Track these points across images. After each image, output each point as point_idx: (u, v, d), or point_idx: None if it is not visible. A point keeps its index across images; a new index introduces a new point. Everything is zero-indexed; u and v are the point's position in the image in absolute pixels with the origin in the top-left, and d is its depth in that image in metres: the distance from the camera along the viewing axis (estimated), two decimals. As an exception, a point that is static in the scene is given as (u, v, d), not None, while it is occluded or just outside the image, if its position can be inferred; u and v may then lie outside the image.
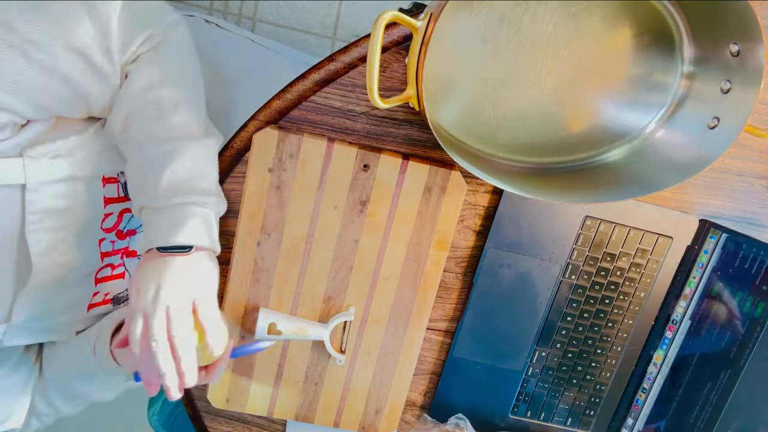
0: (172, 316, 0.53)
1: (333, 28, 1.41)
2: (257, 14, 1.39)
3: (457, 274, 0.72)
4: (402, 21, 0.50)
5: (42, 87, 0.50)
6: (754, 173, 0.72)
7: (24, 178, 0.52)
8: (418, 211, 0.67)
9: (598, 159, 0.66)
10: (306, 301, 0.70)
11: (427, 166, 0.66)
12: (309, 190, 0.65)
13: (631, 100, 0.64)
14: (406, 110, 0.65)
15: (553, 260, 0.71)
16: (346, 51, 0.63)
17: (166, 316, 0.53)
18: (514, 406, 0.77)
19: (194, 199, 0.56)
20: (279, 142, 0.63)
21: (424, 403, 0.78)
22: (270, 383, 0.72)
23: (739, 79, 0.56)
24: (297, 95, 0.64)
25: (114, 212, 0.62)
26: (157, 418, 0.91)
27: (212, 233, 0.58)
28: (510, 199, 0.69)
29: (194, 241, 0.56)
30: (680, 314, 0.74)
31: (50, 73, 0.50)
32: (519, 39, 0.59)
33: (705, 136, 0.59)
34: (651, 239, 0.72)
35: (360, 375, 0.73)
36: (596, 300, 0.73)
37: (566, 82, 0.62)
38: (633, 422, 0.78)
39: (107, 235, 0.62)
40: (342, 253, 0.68)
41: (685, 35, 0.60)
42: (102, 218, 0.61)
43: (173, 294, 0.53)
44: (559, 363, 0.76)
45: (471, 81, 0.61)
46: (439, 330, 0.75)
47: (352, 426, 0.75)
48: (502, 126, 0.64)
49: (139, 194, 0.57)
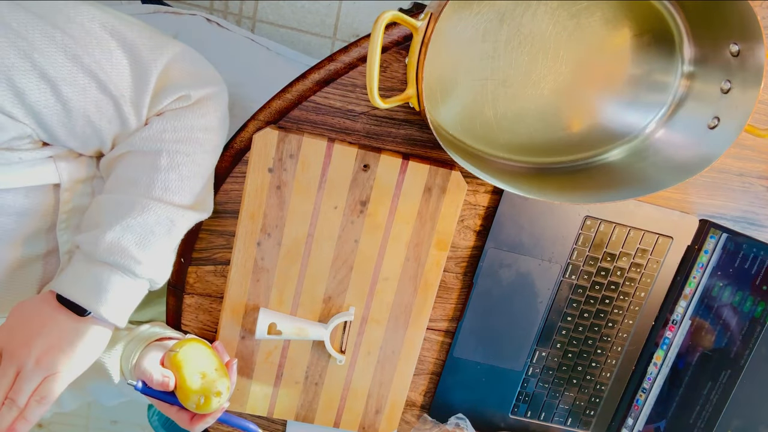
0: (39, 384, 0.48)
1: (333, 28, 1.41)
2: (257, 14, 1.39)
3: (457, 274, 0.72)
4: (402, 21, 0.50)
5: (63, 122, 0.49)
6: (754, 173, 0.72)
7: (58, 178, 0.53)
8: (418, 211, 0.67)
9: (598, 159, 0.66)
10: (306, 301, 0.70)
11: (427, 166, 0.66)
12: (309, 190, 0.65)
13: (631, 100, 0.64)
14: (406, 110, 0.65)
15: (553, 260, 0.71)
16: (346, 51, 0.63)
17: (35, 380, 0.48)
18: (514, 406, 0.77)
19: (131, 267, 0.51)
20: (279, 142, 0.63)
21: (424, 403, 0.78)
22: (270, 383, 0.72)
23: (739, 79, 0.56)
24: (297, 95, 0.64)
25: None
26: (157, 419, 0.91)
27: (127, 311, 0.53)
28: (510, 199, 0.69)
29: (104, 314, 0.50)
30: (680, 314, 0.74)
31: (75, 111, 0.49)
32: (519, 39, 0.59)
33: (705, 136, 0.59)
34: (651, 239, 0.72)
35: (360, 375, 0.73)
36: (596, 300, 0.73)
37: (566, 82, 0.62)
38: (633, 422, 0.78)
39: None
40: (342, 253, 0.68)
41: (685, 35, 0.60)
42: None
43: (49, 360, 0.48)
44: (559, 363, 0.76)
45: (471, 81, 0.61)
46: (439, 330, 0.75)
47: (352, 426, 0.75)
48: (502, 126, 0.64)
49: (85, 230, 0.53)
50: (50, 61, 0.45)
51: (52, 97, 0.47)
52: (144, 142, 0.52)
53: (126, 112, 0.51)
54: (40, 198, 0.53)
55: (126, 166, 0.53)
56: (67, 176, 0.53)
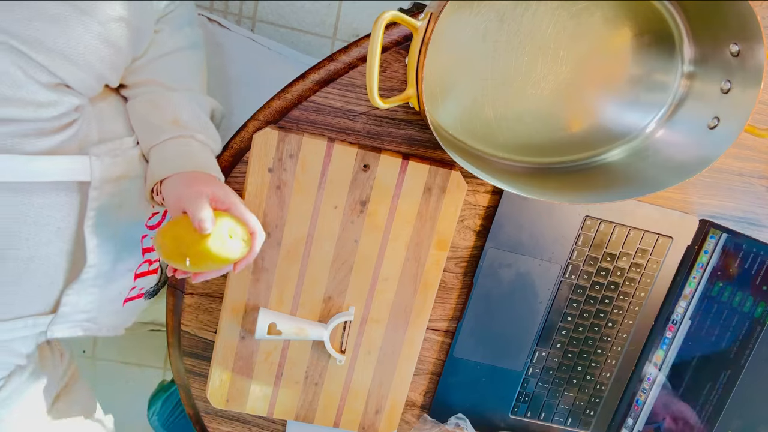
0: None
1: (333, 28, 1.41)
2: (257, 14, 1.39)
3: (457, 274, 0.72)
4: (402, 21, 0.50)
5: (96, 52, 0.51)
6: (754, 173, 0.72)
7: (90, 175, 0.54)
8: (418, 211, 0.67)
9: (598, 159, 0.66)
10: (306, 301, 0.70)
11: (427, 166, 0.66)
12: (309, 190, 0.65)
13: (631, 100, 0.64)
14: (406, 110, 0.65)
15: (553, 260, 0.71)
16: (346, 51, 0.63)
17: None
18: (514, 406, 0.77)
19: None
20: (279, 142, 0.63)
21: (424, 403, 0.78)
22: (270, 383, 0.72)
23: (739, 79, 0.56)
24: (297, 95, 0.64)
25: (159, 211, 0.65)
26: (157, 418, 0.91)
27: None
28: (510, 199, 0.69)
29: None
30: (680, 314, 0.74)
31: (103, 39, 0.51)
32: (519, 39, 0.59)
33: (705, 136, 0.59)
34: (651, 239, 0.72)
35: (360, 375, 0.73)
36: (596, 300, 0.73)
37: (566, 82, 0.62)
38: (633, 422, 0.78)
39: (150, 231, 0.65)
40: (342, 253, 0.68)
41: (685, 35, 0.60)
42: (149, 216, 0.63)
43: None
44: (559, 363, 0.76)
45: (471, 81, 0.61)
46: (439, 330, 0.75)
47: (352, 426, 0.75)
48: (502, 126, 0.64)
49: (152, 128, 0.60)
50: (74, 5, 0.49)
51: (84, 32, 0.49)
52: (172, 53, 0.61)
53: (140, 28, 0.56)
54: (67, 195, 0.54)
55: (173, 72, 0.62)
56: (99, 174, 0.54)
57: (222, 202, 0.56)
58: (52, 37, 0.47)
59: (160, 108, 0.59)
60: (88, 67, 0.50)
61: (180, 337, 0.72)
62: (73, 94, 0.50)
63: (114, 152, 0.56)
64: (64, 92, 0.50)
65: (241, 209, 0.56)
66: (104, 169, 0.55)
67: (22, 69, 0.46)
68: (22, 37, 0.45)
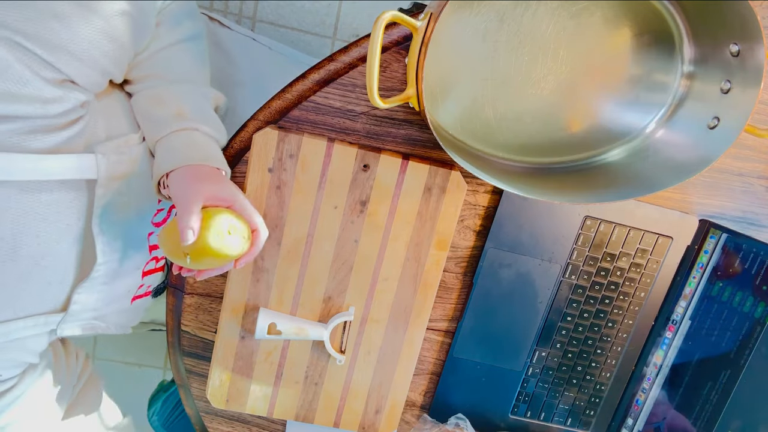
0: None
1: (333, 28, 1.41)
2: (257, 14, 1.39)
3: (457, 274, 0.72)
4: (402, 21, 0.50)
5: (99, 47, 0.51)
6: (754, 173, 0.72)
7: (96, 173, 0.54)
8: (418, 211, 0.67)
9: (598, 159, 0.66)
10: (306, 301, 0.70)
11: (427, 166, 0.66)
12: (309, 190, 0.65)
13: (631, 100, 0.64)
14: (406, 110, 0.65)
15: (553, 260, 0.71)
16: (346, 51, 0.63)
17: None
18: (514, 406, 0.77)
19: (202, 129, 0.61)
20: (279, 142, 0.63)
21: (424, 403, 0.78)
22: (270, 383, 0.72)
23: (739, 79, 0.56)
24: (297, 95, 0.64)
25: (164, 208, 0.65)
26: (157, 418, 0.91)
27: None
28: (510, 199, 0.69)
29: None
30: (680, 314, 0.74)
31: (106, 34, 0.52)
32: (519, 39, 0.59)
33: (705, 136, 0.59)
34: (651, 239, 0.72)
35: (360, 375, 0.73)
36: (596, 300, 0.73)
37: (566, 82, 0.62)
38: (633, 422, 0.78)
39: (156, 229, 0.65)
40: (342, 253, 0.68)
41: (685, 35, 0.60)
42: (154, 213, 0.64)
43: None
44: (559, 363, 0.76)
45: (471, 81, 0.61)
46: (439, 330, 0.75)
47: (352, 426, 0.75)
48: (502, 126, 0.64)
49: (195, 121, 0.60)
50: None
51: (89, 30, 0.50)
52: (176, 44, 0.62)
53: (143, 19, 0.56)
54: (75, 192, 0.54)
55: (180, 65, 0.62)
56: (105, 172, 0.55)
57: (223, 199, 0.56)
58: (57, 34, 0.47)
59: (164, 101, 0.59)
60: (93, 63, 0.51)
61: (180, 337, 0.72)
62: (78, 90, 0.51)
63: (120, 149, 0.56)
64: (70, 88, 0.50)
65: (243, 205, 0.56)
66: (110, 167, 0.55)
67: (27, 65, 0.46)
68: (27, 34, 0.45)
